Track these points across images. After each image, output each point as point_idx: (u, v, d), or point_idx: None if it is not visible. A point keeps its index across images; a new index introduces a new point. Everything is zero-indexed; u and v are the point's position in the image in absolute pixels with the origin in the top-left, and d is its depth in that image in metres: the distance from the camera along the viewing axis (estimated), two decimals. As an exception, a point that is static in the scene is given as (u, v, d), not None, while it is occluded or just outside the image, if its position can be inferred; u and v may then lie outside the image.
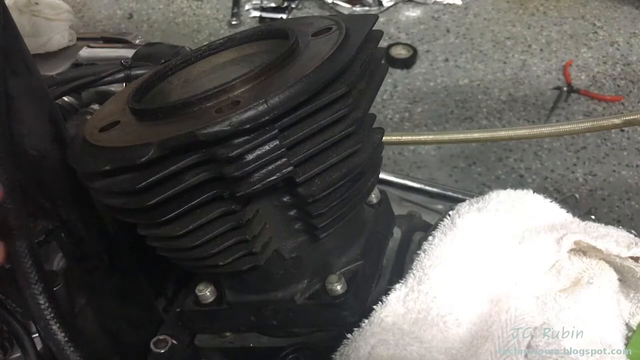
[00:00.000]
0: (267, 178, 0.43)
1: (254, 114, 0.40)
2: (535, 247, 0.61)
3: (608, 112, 2.38)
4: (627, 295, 0.59)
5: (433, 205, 1.05)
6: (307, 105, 0.43)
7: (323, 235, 0.49)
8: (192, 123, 0.41)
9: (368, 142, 0.50)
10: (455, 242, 0.59)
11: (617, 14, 2.91)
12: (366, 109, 0.48)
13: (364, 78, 0.48)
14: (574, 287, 0.58)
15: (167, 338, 0.62)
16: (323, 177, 0.46)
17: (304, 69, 0.43)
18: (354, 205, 0.51)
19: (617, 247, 0.59)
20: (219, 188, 0.44)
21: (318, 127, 0.44)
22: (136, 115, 0.48)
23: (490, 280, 0.59)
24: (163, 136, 0.41)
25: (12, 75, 0.61)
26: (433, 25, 2.89)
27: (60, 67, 1.32)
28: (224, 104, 0.42)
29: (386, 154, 2.17)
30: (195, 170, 0.43)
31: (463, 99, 2.45)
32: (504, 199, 0.65)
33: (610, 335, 0.54)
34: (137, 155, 0.41)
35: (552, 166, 2.14)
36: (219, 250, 0.47)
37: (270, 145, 0.42)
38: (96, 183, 0.45)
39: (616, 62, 2.62)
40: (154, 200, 0.43)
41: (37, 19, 1.38)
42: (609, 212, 1.96)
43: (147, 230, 0.48)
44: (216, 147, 0.41)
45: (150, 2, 3.15)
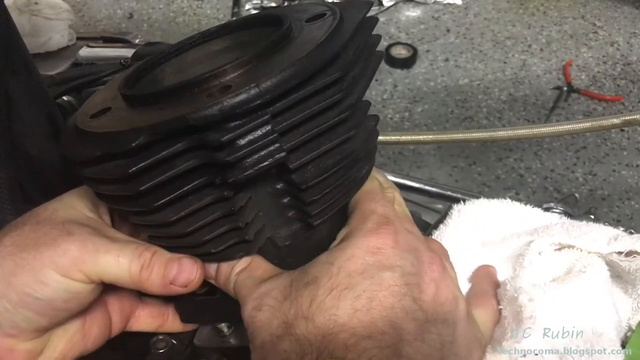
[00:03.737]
0: (259, 164, 0.42)
1: (246, 98, 0.39)
2: (512, 250, 0.63)
3: (608, 112, 2.38)
4: (625, 291, 0.60)
5: (433, 205, 1.05)
6: (299, 90, 0.42)
7: (317, 223, 0.48)
8: (183, 108, 0.40)
9: (362, 129, 0.50)
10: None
11: (617, 13, 2.91)
12: (360, 95, 0.47)
13: (358, 64, 0.47)
14: (566, 276, 0.59)
15: (166, 338, 0.62)
16: (316, 163, 0.45)
17: (297, 54, 0.43)
18: (348, 192, 0.50)
19: (595, 244, 0.59)
20: (210, 174, 0.43)
21: (311, 112, 0.43)
22: (127, 101, 0.47)
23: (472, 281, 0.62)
24: (153, 122, 0.40)
25: (12, 75, 0.61)
26: (433, 25, 2.89)
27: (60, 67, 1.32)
28: (215, 89, 0.42)
29: (386, 154, 2.17)
30: (186, 156, 0.42)
31: (463, 98, 2.46)
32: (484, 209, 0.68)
33: (601, 324, 0.55)
34: (127, 141, 0.40)
35: (552, 166, 2.14)
36: (211, 237, 0.46)
37: (262, 131, 0.41)
38: (87, 170, 0.45)
39: (616, 62, 2.62)
40: (144, 187, 0.42)
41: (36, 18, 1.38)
42: (608, 212, 1.96)
43: (139, 218, 0.47)
44: (207, 133, 0.40)
45: (151, 1, 3.15)
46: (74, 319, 0.52)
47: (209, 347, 0.62)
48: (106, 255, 0.47)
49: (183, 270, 0.48)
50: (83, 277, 0.47)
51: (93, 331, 0.54)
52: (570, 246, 0.60)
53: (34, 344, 0.49)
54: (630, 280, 0.58)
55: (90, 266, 0.47)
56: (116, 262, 0.47)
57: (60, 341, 0.51)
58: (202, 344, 0.62)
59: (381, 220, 0.47)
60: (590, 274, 0.57)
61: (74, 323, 0.52)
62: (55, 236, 0.47)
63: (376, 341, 0.41)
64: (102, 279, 0.48)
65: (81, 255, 0.46)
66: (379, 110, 2.39)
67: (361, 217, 0.48)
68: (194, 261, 0.49)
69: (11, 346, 0.47)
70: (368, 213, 0.48)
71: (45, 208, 0.50)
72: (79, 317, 0.52)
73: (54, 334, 0.51)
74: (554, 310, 0.54)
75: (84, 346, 0.53)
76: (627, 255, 0.58)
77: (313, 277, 0.44)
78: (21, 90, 0.62)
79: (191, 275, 0.49)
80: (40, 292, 0.46)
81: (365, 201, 0.49)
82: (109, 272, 0.47)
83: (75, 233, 0.47)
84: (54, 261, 0.46)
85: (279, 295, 0.44)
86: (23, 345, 0.48)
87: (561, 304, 0.55)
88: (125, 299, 0.58)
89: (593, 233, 0.60)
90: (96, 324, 0.54)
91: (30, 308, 0.46)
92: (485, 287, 0.60)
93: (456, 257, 0.62)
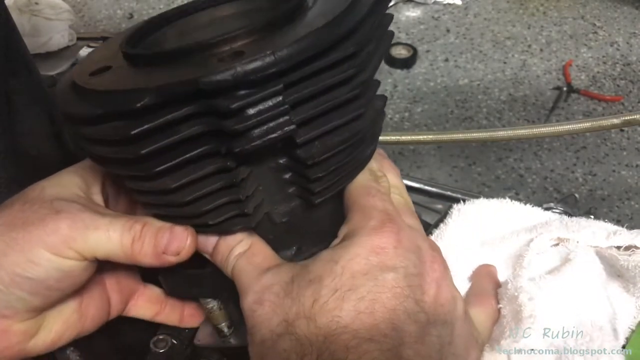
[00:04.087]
0: (267, 135, 0.40)
1: (261, 65, 0.38)
2: (511, 249, 0.63)
3: (608, 112, 2.38)
4: (627, 290, 0.59)
5: (433, 205, 1.05)
6: (314, 62, 0.41)
7: (318, 201, 0.47)
8: (190, 71, 0.39)
9: (371, 108, 0.49)
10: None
11: (617, 14, 2.91)
12: (372, 72, 0.46)
13: (373, 41, 0.46)
14: (560, 267, 0.59)
15: (166, 337, 0.62)
16: (324, 140, 0.44)
17: (313, 25, 0.41)
18: (351, 173, 0.49)
19: (594, 238, 0.59)
20: (215, 142, 0.42)
21: (324, 86, 0.42)
22: (130, 60, 0.45)
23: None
24: (159, 83, 0.39)
25: (12, 76, 0.61)
26: (433, 25, 2.89)
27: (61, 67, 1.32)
28: (226, 54, 0.40)
29: (386, 154, 2.17)
30: (192, 122, 0.40)
31: (463, 98, 2.46)
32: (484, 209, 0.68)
33: (599, 316, 0.55)
34: (132, 101, 0.38)
35: (552, 166, 2.14)
36: (210, 208, 0.45)
37: (273, 101, 0.40)
38: (86, 129, 0.42)
39: (616, 62, 2.62)
40: (146, 150, 0.40)
41: (37, 18, 1.38)
42: (608, 212, 1.96)
43: (137, 183, 0.45)
44: (217, 99, 0.39)
45: (151, 1, 3.15)
46: (70, 299, 0.51)
47: (209, 347, 0.62)
48: (96, 231, 0.46)
49: (174, 239, 0.48)
50: (75, 255, 0.46)
51: (90, 312, 0.53)
52: (567, 239, 0.60)
53: (28, 325, 0.48)
54: (631, 278, 0.58)
55: (81, 243, 0.46)
56: (107, 237, 0.47)
57: (56, 322, 0.51)
58: (202, 344, 0.62)
59: (383, 217, 0.46)
60: (580, 262, 0.58)
61: (70, 303, 0.52)
62: (44, 215, 0.46)
63: (378, 344, 0.41)
64: (95, 255, 0.47)
65: (71, 233, 0.46)
66: (379, 111, 2.39)
67: (362, 214, 0.47)
68: (184, 228, 0.48)
69: (6, 327, 0.47)
70: (368, 209, 0.47)
71: (34, 188, 0.50)
72: (75, 297, 0.52)
73: (49, 314, 0.50)
74: (552, 308, 0.54)
75: (81, 327, 0.53)
76: (626, 249, 0.58)
77: (316, 275, 0.44)
78: (21, 91, 0.62)
79: (182, 243, 0.48)
80: (31, 271, 0.45)
81: (362, 195, 0.49)
82: (101, 247, 0.47)
83: (63, 210, 0.47)
84: (44, 240, 0.45)
85: (280, 291, 0.44)
86: (18, 326, 0.48)
87: (557, 299, 0.55)
88: (124, 279, 0.57)
89: (592, 227, 0.60)
90: (93, 305, 0.54)
91: (22, 288, 0.46)
92: (485, 286, 0.60)
93: (456, 257, 0.62)
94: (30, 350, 0.50)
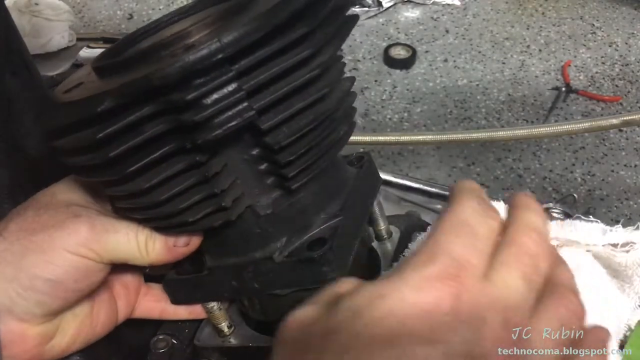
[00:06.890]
0: (228, 123, 0.41)
1: (207, 53, 0.39)
2: None
3: (606, 113, 2.38)
4: (623, 290, 0.60)
5: (432, 205, 1.05)
6: (265, 47, 0.41)
7: (295, 186, 0.47)
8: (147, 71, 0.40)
9: (337, 89, 0.49)
10: None
11: (616, 14, 2.91)
12: (333, 54, 0.46)
13: (331, 22, 0.46)
14: None
15: (166, 338, 0.62)
16: (290, 124, 0.44)
17: (261, 10, 0.42)
18: (326, 155, 0.49)
19: (590, 237, 0.59)
20: (180, 139, 0.42)
21: (279, 69, 0.42)
22: (98, 73, 0.47)
23: None
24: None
25: (12, 76, 0.61)
26: (432, 26, 2.89)
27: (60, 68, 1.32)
28: (179, 50, 0.41)
29: (385, 154, 2.17)
30: (156, 121, 0.41)
31: (462, 99, 2.46)
32: None
33: (592, 315, 0.55)
34: (93, 106, 0.40)
35: (551, 166, 2.15)
36: (187, 205, 0.45)
37: (228, 89, 0.40)
38: (59, 141, 0.44)
39: (614, 62, 2.62)
40: (114, 153, 0.41)
41: (37, 19, 1.38)
42: (607, 212, 1.96)
43: (113, 189, 0.46)
44: (173, 93, 0.40)
45: (151, 2, 3.15)
46: (83, 303, 0.52)
47: (209, 347, 0.62)
48: (116, 234, 0.48)
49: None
50: (94, 255, 0.47)
51: (101, 317, 0.55)
52: (570, 242, 0.60)
53: (45, 329, 0.49)
54: (627, 276, 0.58)
55: (102, 245, 0.47)
56: (126, 239, 0.48)
57: (71, 326, 0.52)
58: (202, 344, 0.62)
59: (449, 268, 0.33)
60: (576, 264, 0.57)
61: (83, 308, 0.53)
62: (63, 219, 0.47)
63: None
64: (112, 258, 0.49)
65: (91, 235, 0.47)
66: (378, 111, 2.40)
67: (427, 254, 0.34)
68: None
69: (23, 331, 0.48)
70: (437, 252, 0.34)
71: (44, 193, 0.51)
72: (87, 302, 0.53)
73: (64, 319, 0.51)
74: None
75: (93, 332, 0.54)
76: (623, 246, 0.58)
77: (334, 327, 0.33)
78: (21, 91, 0.62)
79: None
80: (51, 272, 0.46)
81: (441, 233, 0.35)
82: (120, 249, 0.48)
83: (82, 215, 0.48)
84: (65, 241, 0.46)
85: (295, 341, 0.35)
86: (35, 329, 0.48)
87: None
88: (129, 285, 0.58)
89: (587, 227, 0.60)
90: (103, 310, 0.55)
91: (41, 290, 0.47)
92: None
93: None
94: (46, 354, 0.50)
